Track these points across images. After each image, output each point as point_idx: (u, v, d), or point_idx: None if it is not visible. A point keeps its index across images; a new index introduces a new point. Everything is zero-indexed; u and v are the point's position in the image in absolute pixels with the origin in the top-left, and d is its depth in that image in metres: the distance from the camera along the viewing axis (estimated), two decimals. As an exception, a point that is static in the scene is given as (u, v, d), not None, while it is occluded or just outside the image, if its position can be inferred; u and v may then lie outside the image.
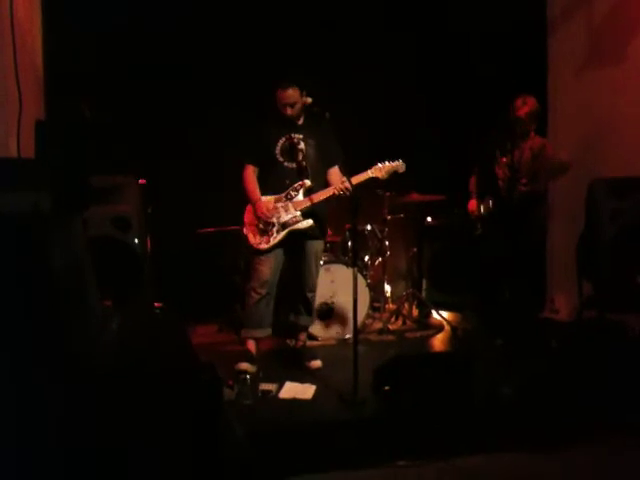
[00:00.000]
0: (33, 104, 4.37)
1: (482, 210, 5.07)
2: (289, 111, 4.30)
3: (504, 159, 4.94)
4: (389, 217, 5.84)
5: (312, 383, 4.01)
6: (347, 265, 5.22)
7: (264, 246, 4.31)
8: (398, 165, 4.29)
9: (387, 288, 6.04)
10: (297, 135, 4.38)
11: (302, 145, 4.36)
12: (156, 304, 5.20)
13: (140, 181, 4.56)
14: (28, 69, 4.21)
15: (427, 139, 6.05)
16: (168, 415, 2.24)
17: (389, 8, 6.12)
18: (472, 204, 5.16)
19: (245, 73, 5.72)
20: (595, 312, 4.40)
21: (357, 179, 4.23)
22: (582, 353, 3.61)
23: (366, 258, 5.79)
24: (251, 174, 4.44)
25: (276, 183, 4.37)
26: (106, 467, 1.96)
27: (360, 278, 5.02)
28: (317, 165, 4.38)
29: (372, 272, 5.85)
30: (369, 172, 4.28)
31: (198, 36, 5.67)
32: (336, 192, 4.21)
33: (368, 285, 5.39)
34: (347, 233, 5.66)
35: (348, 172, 4.21)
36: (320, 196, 4.29)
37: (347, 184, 4.11)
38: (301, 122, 4.41)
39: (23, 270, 1.87)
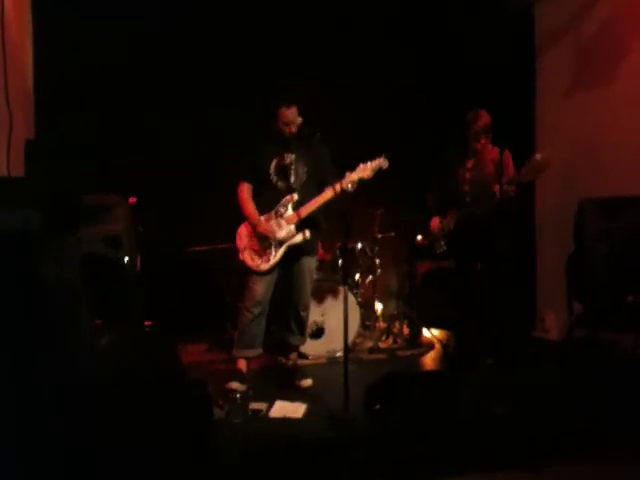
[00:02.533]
0: (23, 123, 4.37)
1: (445, 227, 5.05)
2: (292, 129, 4.27)
3: (467, 175, 4.94)
4: (380, 235, 5.86)
5: (302, 402, 3.99)
6: (338, 283, 5.22)
7: (265, 266, 4.28)
8: (381, 161, 4.24)
9: (378, 306, 6.04)
10: (290, 155, 4.36)
11: (294, 166, 4.35)
12: (146, 322, 5.19)
13: (131, 199, 4.56)
14: (18, 88, 4.22)
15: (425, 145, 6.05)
16: (158, 431, 2.23)
17: (388, 17, 6.14)
18: (435, 222, 5.10)
19: (239, 89, 5.72)
20: (586, 331, 4.40)
21: (344, 184, 4.17)
22: (573, 371, 3.61)
23: (357, 276, 5.78)
24: (247, 193, 4.42)
25: (267, 202, 4.35)
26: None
27: (351, 296, 5.03)
28: (309, 186, 4.36)
29: (363, 290, 5.85)
30: (354, 175, 4.20)
31: (190, 48, 5.67)
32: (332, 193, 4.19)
33: (359, 303, 5.38)
34: (338, 251, 5.66)
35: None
36: (307, 209, 4.27)
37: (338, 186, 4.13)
38: (295, 142, 4.38)
39: (14, 283, 1.86)
